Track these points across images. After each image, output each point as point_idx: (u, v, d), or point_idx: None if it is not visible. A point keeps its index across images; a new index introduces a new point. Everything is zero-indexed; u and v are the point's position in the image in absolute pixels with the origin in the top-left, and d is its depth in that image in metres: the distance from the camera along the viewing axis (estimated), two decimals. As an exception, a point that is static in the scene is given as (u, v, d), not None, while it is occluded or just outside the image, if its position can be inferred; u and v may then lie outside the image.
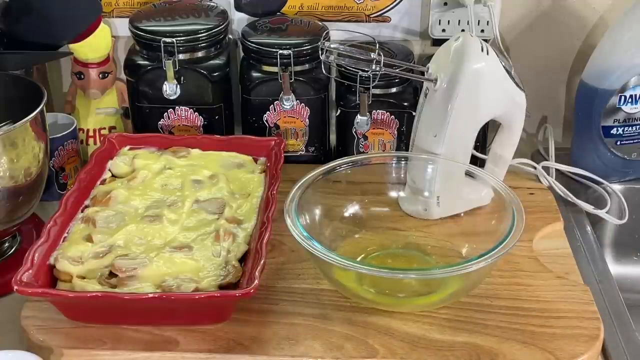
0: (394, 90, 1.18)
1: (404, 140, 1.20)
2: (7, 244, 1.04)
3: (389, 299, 0.93)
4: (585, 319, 0.91)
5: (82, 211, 1.02)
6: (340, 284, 0.93)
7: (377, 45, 1.04)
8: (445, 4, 1.25)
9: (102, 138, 1.24)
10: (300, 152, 1.24)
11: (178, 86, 1.19)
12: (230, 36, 1.28)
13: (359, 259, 1.00)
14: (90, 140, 1.28)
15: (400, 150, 1.20)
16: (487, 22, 1.23)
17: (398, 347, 0.88)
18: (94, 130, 1.28)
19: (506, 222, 0.92)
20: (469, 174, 1.04)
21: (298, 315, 0.92)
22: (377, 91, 1.16)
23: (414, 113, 1.10)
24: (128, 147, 1.14)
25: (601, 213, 1.16)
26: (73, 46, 1.21)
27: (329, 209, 1.03)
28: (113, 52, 1.29)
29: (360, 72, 1.12)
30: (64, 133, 1.17)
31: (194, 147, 1.14)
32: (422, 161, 1.06)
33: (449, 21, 1.25)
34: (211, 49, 1.21)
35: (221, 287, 0.90)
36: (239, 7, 1.28)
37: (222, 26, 1.21)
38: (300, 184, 0.98)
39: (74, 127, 1.19)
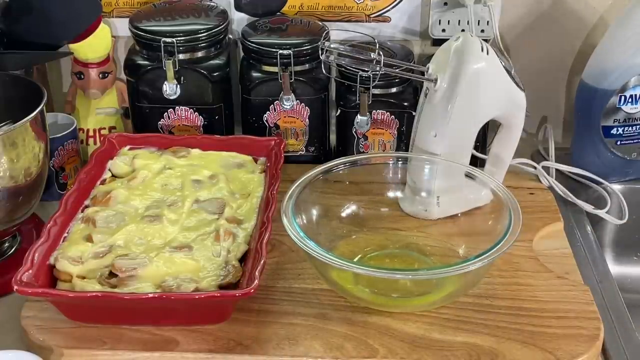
0: (394, 90, 1.18)
1: (404, 140, 1.20)
2: (7, 244, 1.04)
3: (385, 299, 0.93)
4: (585, 319, 0.91)
5: (82, 211, 1.02)
6: (337, 284, 0.93)
7: (377, 45, 1.04)
8: (445, 4, 1.25)
9: (102, 138, 1.24)
10: (300, 152, 1.24)
11: (178, 86, 1.19)
12: (230, 36, 1.28)
13: (356, 259, 1.00)
14: (90, 140, 1.28)
15: (400, 150, 1.20)
16: (487, 22, 1.23)
17: (398, 347, 0.88)
18: (94, 130, 1.28)
19: (503, 222, 0.92)
20: (468, 174, 1.04)
21: (298, 315, 0.92)
22: (377, 91, 1.16)
23: (414, 113, 1.10)
24: (128, 147, 1.14)
25: (601, 213, 1.16)
26: (73, 46, 1.21)
27: (327, 209, 1.03)
28: (113, 52, 1.29)
29: (360, 72, 1.12)
30: (64, 133, 1.17)
31: (194, 147, 1.14)
32: (422, 161, 1.06)
33: (449, 21, 1.25)
34: (211, 49, 1.21)
35: (221, 287, 0.90)
36: (239, 7, 1.28)
37: (222, 26, 1.21)
38: (297, 183, 0.99)
39: (74, 127, 1.19)
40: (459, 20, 1.25)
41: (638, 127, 1.20)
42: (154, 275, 0.91)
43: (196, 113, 1.21)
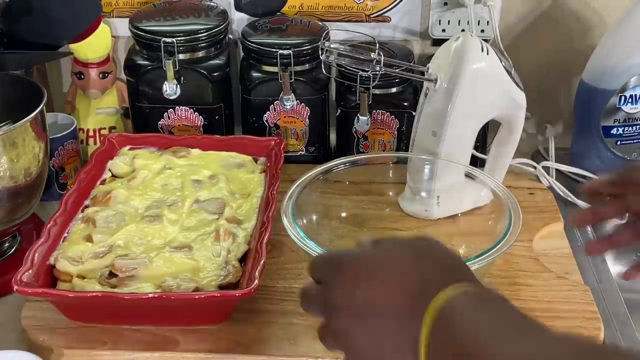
0: (394, 90, 1.18)
1: (404, 140, 1.20)
2: (7, 244, 1.04)
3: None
4: (585, 319, 0.91)
5: (82, 211, 1.02)
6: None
7: (377, 45, 1.04)
8: (445, 4, 1.25)
9: (102, 138, 1.24)
10: (300, 152, 1.24)
11: (178, 86, 1.19)
12: (230, 36, 1.28)
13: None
14: (90, 140, 1.28)
15: (400, 150, 1.20)
16: (487, 22, 1.23)
17: (398, 347, 0.88)
18: (94, 130, 1.28)
19: (503, 222, 0.92)
20: (467, 174, 1.04)
21: (298, 315, 0.92)
22: (377, 91, 1.16)
23: (414, 113, 1.10)
24: (128, 147, 1.14)
25: (601, 213, 1.16)
26: (73, 46, 1.21)
27: (327, 209, 1.03)
28: (113, 52, 1.29)
29: (360, 72, 1.12)
30: (64, 133, 1.17)
31: (194, 147, 1.14)
32: (422, 161, 1.06)
33: (449, 21, 1.25)
34: (211, 49, 1.21)
35: (221, 287, 0.90)
36: (239, 7, 1.28)
37: (222, 26, 1.21)
38: (298, 183, 0.98)
39: (74, 127, 1.19)
40: (459, 20, 1.25)
41: (638, 127, 1.20)
42: (154, 275, 0.91)
43: (196, 113, 1.21)
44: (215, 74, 1.20)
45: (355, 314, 0.58)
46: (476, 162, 1.17)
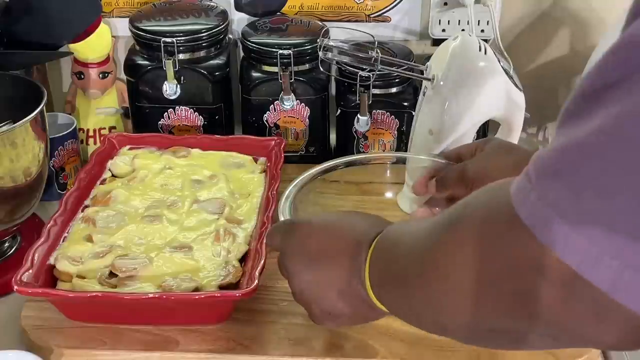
0: (394, 90, 1.18)
1: (404, 140, 1.20)
2: (7, 244, 1.04)
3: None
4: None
5: (82, 211, 1.02)
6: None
7: (376, 43, 1.04)
8: (445, 4, 1.25)
9: (102, 138, 1.24)
10: (300, 152, 1.24)
11: (178, 86, 1.19)
12: (230, 36, 1.28)
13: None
14: (90, 140, 1.28)
15: (400, 150, 1.20)
16: (487, 22, 1.23)
17: (398, 347, 0.88)
18: (94, 130, 1.28)
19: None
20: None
21: (298, 315, 0.92)
22: (377, 91, 1.16)
23: (414, 113, 1.10)
24: (128, 147, 1.14)
25: (601, 213, 1.16)
26: (73, 46, 1.21)
27: (325, 209, 1.02)
28: (113, 52, 1.29)
29: (360, 72, 1.12)
30: (64, 133, 1.17)
31: (194, 147, 1.14)
32: (421, 161, 1.05)
33: (449, 21, 1.25)
34: (211, 49, 1.21)
35: (221, 287, 0.90)
36: (239, 7, 1.29)
37: (222, 26, 1.21)
38: (295, 183, 0.98)
39: (74, 127, 1.19)
40: (459, 20, 1.25)
41: (638, 127, 1.20)
42: (154, 275, 0.91)
43: (196, 113, 1.21)
44: (215, 74, 1.20)
45: (310, 259, 0.74)
46: (476, 162, 1.17)
